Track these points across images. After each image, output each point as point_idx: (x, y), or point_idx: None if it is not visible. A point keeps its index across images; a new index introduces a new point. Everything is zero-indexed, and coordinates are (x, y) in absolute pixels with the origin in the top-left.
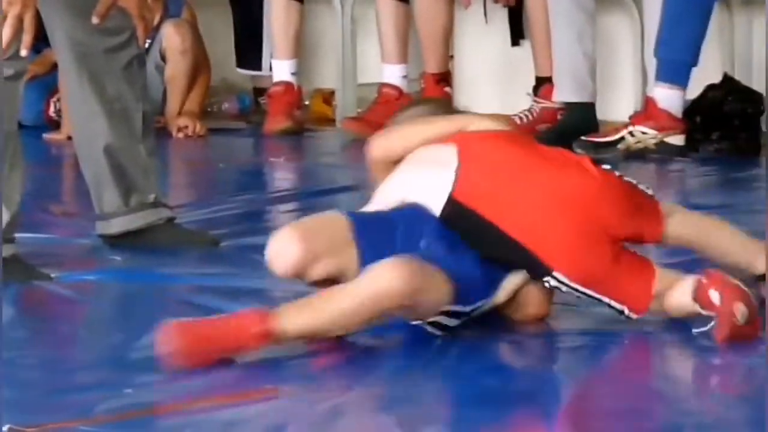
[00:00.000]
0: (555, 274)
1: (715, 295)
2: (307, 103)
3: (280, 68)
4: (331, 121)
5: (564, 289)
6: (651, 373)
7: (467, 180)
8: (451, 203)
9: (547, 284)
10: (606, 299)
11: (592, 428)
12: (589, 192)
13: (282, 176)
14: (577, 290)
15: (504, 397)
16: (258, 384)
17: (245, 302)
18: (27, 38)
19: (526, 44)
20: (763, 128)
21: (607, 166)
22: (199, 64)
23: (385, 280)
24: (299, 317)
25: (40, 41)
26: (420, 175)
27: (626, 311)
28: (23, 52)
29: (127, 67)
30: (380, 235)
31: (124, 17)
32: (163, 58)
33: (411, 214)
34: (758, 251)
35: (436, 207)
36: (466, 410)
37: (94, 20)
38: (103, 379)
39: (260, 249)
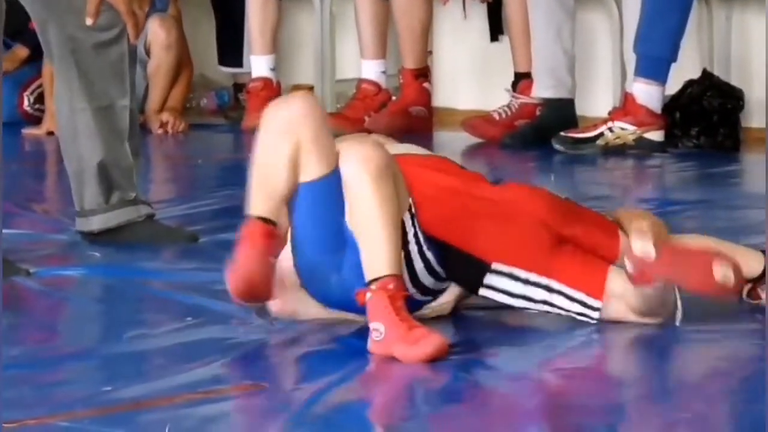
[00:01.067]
0: (494, 266)
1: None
2: None
3: (258, 64)
4: None
5: (505, 285)
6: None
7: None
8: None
9: (487, 289)
10: (557, 284)
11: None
12: (520, 195)
13: None
14: (519, 278)
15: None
16: (238, 380)
17: (223, 297)
18: None
19: (504, 40)
20: (743, 124)
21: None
22: (182, 60)
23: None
24: None
25: (9, 37)
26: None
27: (585, 299)
28: None
29: (116, 64)
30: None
31: (114, 14)
32: (147, 53)
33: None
34: (746, 255)
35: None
36: (441, 406)
37: (88, 21)
38: (82, 375)
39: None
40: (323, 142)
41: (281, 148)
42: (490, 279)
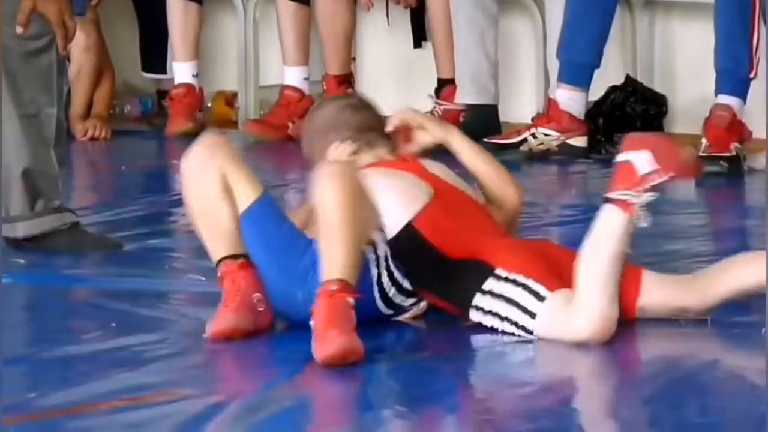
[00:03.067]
0: (497, 271)
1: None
2: (209, 105)
3: (180, 70)
4: (233, 123)
5: (501, 288)
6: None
7: (430, 216)
8: (408, 228)
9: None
10: (531, 283)
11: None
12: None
13: None
14: (516, 282)
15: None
16: (162, 386)
17: (148, 304)
18: None
19: (428, 46)
20: (666, 130)
21: None
22: (103, 64)
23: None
24: None
25: None
26: (388, 198)
27: (541, 292)
28: None
29: (44, 73)
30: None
31: (44, 23)
32: (68, 58)
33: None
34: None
35: (393, 228)
36: (370, 412)
37: (19, 30)
38: (7, 382)
39: (163, 251)
40: (244, 168)
41: (210, 184)
42: (490, 284)
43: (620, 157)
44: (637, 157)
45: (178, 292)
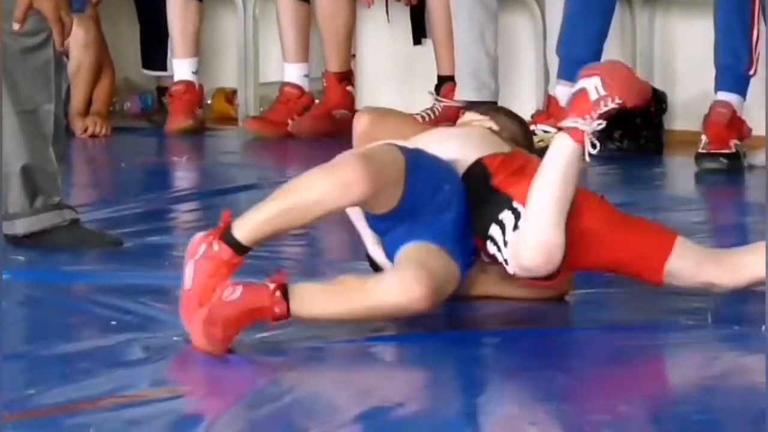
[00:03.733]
0: (513, 203)
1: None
2: (209, 102)
3: (180, 67)
4: (233, 120)
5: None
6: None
7: (495, 160)
8: (478, 164)
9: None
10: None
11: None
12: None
13: (184, 175)
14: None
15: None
16: (161, 383)
17: (148, 301)
18: None
19: (428, 43)
20: (665, 127)
21: None
22: (103, 60)
23: (405, 297)
24: (313, 306)
25: None
26: (461, 142)
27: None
28: None
29: (42, 69)
30: (425, 187)
31: (41, 19)
32: (66, 54)
33: (450, 171)
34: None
35: (462, 164)
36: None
37: (15, 26)
38: (6, 379)
39: (162, 248)
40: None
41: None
42: (503, 215)
43: (576, 85)
44: (589, 83)
45: (178, 289)
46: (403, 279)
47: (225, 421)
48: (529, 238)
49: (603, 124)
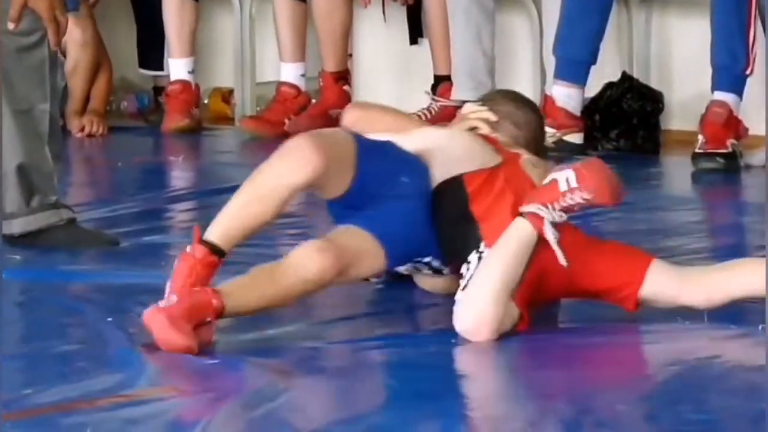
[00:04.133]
0: (481, 246)
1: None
2: (206, 101)
3: (176, 67)
4: (229, 120)
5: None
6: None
7: (477, 178)
8: (457, 180)
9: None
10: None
11: None
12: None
13: (181, 175)
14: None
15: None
16: (160, 383)
17: (144, 300)
18: None
19: (424, 43)
20: (662, 126)
21: None
22: (100, 59)
23: (309, 269)
24: (240, 298)
25: None
26: (444, 156)
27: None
28: None
29: (37, 68)
30: (379, 174)
31: (36, 19)
32: (63, 53)
33: (415, 167)
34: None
35: (441, 175)
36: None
37: (10, 26)
38: (3, 378)
39: (159, 247)
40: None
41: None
42: (472, 256)
43: (550, 176)
44: (561, 175)
45: None
46: (306, 250)
47: (222, 421)
48: (467, 306)
49: (564, 216)
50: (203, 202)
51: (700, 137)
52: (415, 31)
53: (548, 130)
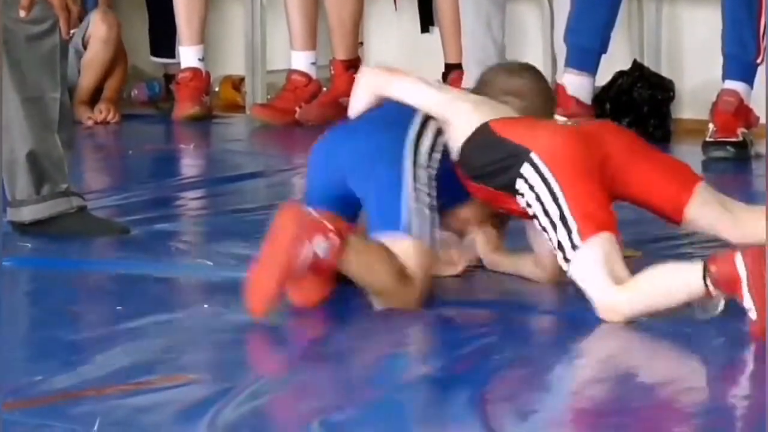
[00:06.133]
0: (532, 155)
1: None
2: (216, 89)
3: (186, 55)
4: (240, 108)
5: (533, 182)
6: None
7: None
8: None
9: (522, 179)
10: (565, 209)
11: None
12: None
13: (192, 162)
14: (547, 182)
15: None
16: (170, 371)
17: (154, 288)
18: None
19: (435, 31)
20: (673, 115)
21: None
22: (118, 54)
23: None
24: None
25: None
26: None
27: (574, 232)
28: None
29: (47, 56)
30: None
31: (47, 6)
32: (85, 46)
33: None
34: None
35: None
36: (386, 394)
37: (22, 14)
38: (13, 366)
39: (170, 235)
40: None
41: None
42: (523, 171)
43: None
44: (745, 272)
45: (185, 277)
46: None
47: (231, 409)
48: (613, 308)
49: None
50: (214, 190)
51: (711, 126)
52: (426, 20)
53: (559, 118)
